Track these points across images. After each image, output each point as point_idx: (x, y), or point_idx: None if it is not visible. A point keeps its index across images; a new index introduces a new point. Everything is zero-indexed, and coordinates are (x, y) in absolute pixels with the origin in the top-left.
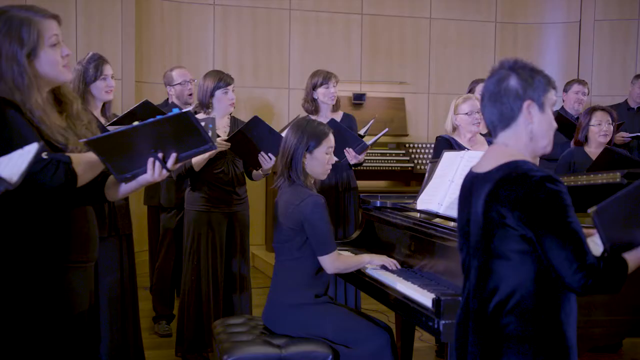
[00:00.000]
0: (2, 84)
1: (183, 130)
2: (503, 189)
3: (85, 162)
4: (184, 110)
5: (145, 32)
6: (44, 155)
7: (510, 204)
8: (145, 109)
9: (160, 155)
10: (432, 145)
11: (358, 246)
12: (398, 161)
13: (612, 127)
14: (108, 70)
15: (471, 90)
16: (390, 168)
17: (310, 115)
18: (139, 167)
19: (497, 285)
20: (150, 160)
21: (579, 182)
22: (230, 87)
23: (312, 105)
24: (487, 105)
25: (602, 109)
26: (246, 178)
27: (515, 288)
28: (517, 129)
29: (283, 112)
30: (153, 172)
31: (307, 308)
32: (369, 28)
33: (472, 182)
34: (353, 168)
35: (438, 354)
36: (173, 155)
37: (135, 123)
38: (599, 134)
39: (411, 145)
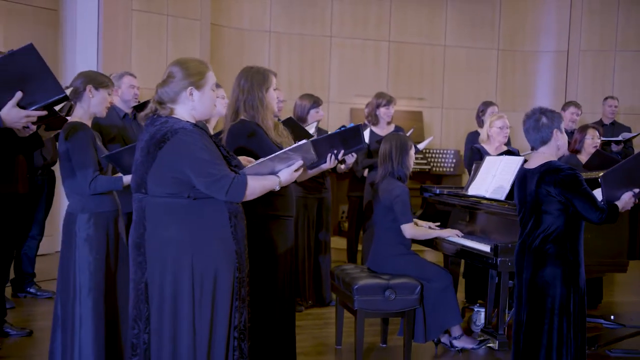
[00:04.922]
0: (252, 110)
1: (351, 135)
2: (547, 176)
3: None
4: (358, 124)
5: (216, 54)
6: None
7: (552, 184)
8: (288, 124)
9: (335, 151)
10: (445, 151)
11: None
12: (417, 164)
13: (599, 141)
14: (280, 95)
15: (483, 111)
16: None
17: (370, 126)
18: (320, 159)
19: (545, 228)
20: (329, 155)
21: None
22: (320, 107)
23: (374, 119)
24: (530, 132)
25: (593, 127)
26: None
27: (554, 229)
28: (550, 145)
29: (322, 122)
30: (330, 162)
31: (401, 257)
32: (394, 52)
33: (525, 174)
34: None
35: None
36: (342, 152)
37: (329, 132)
38: (592, 145)
39: (427, 151)
